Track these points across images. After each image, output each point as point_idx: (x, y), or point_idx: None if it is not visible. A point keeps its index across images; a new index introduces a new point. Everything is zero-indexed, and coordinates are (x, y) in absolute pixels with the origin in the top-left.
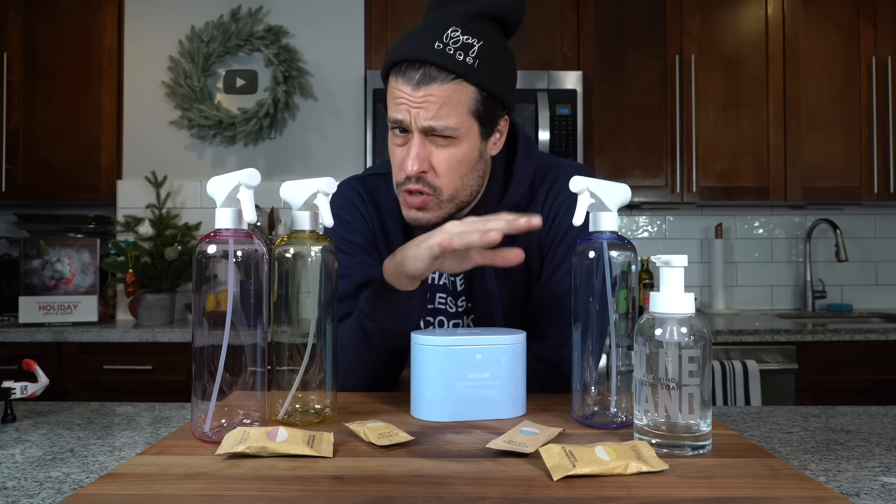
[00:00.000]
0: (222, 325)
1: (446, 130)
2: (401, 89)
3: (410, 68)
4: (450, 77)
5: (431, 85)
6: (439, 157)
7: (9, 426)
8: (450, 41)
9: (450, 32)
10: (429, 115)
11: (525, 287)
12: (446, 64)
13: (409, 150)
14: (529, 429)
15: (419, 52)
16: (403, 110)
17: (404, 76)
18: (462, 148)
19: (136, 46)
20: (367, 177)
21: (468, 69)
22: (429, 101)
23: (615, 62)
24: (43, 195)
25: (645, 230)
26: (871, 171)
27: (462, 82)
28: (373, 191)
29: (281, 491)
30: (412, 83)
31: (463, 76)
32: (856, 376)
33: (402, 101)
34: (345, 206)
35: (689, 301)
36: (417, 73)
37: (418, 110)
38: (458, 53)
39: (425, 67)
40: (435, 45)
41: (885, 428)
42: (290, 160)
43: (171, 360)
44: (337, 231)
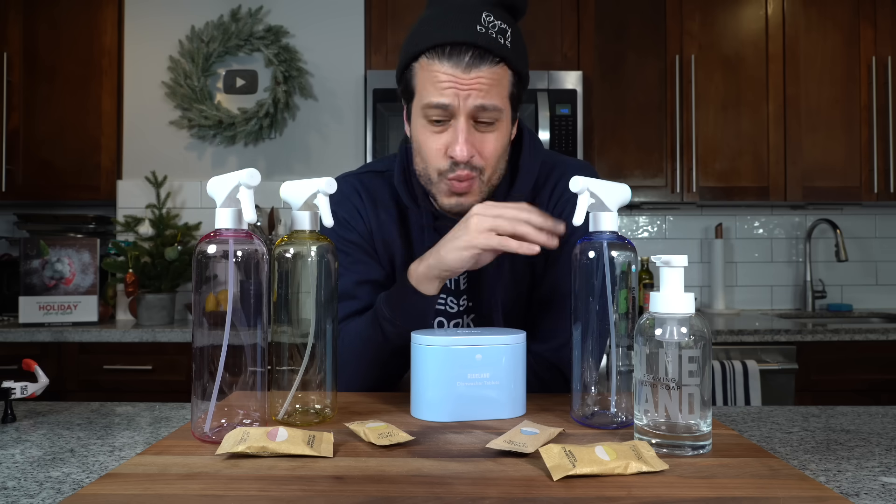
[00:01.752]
0: (222, 325)
1: (494, 111)
2: (447, 72)
3: (457, 51)
4: (496, 60)
5: (482, 67)
6: (485, 142)
7: (9, 426)
8: (488, 25)
9: (485, 17)
10: (479, 97)
11: (528, 286)
12: (493, 47)
13: (457, 136)
14: (529, 429)
15: (467, 35)
16: (450, 94)
17: (450, 59)
18: (502, 131)
19: (136, 46)
20: (364, 174)
21: (510, 53)
22: (480, 83)
23: (615, 62)
24: (43, 195)
25: (645, 230)
26: (871, 171)
27: (504, 66)
28: (370, 188)
29: (281, 491)
30: (461, 65)
31: (506, 60)
32: (856, 376)
33: (450, 83)
34: (342, 204)
35: (689, 301)
36: (467, 56)
37: (469, 93)
38: (499, 37)
39: (473, 50)
40: (477, 27)
41: (885, 428)
42: (290, 160)
43: (171, 360)
44: (334, 229)
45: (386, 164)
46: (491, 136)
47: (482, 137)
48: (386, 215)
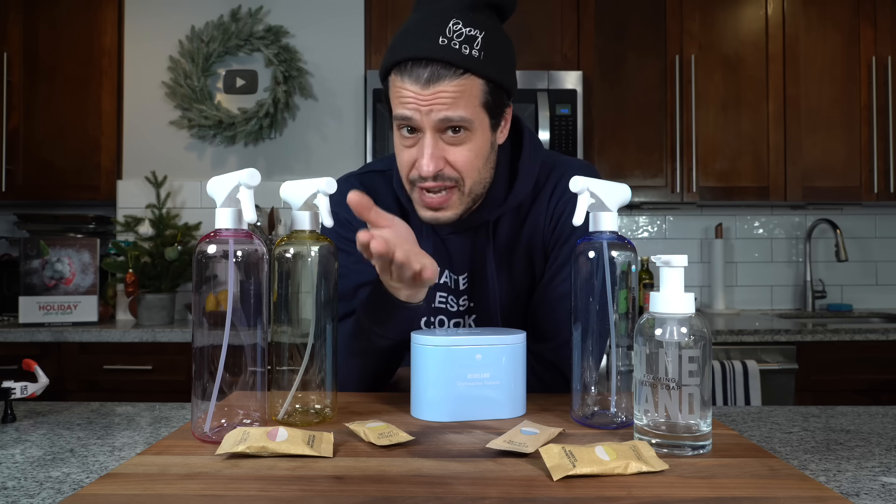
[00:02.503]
0: (222, 325)
1: (461, 121)
2: (408, 88)
3: (417, 66)
4: (458, 72)
5: (441, 82)
6: (455, 155)
7: (9, 426)
8: (453, 35)
9: (451, 26)
10: (441, 110)
11: (528, 286)
12: (454, 59)
13: (423, 150)
14: (529, 429)
15: (425, 50)
16: (412, 109)
17: (411, 75)
18: (476, 142)
19: (136, 46)
20: (365, 174)
21: (475, 62)
22: (439, 99)
23: (615, 62)
24: (43, 195)
25: (645, 230)
26: (871, 171)
27: (471, 76)
28: (371, 188)
29: (281, 491)
30: (420, 82)
31: (471, 70)
32: (856, 376)
33: (411, 100)
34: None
35: (689, 301)
36: (426, 72)
37: (430, 108)
38: (464, 47)
39: (433, 65)
40: (439, 40)
41: (885, 428)
42: (290, 160)
43: (171, 360)
44: (335, 229)
45: (387, 163)
46: (463, 148)
47: (453, 150)
48: None
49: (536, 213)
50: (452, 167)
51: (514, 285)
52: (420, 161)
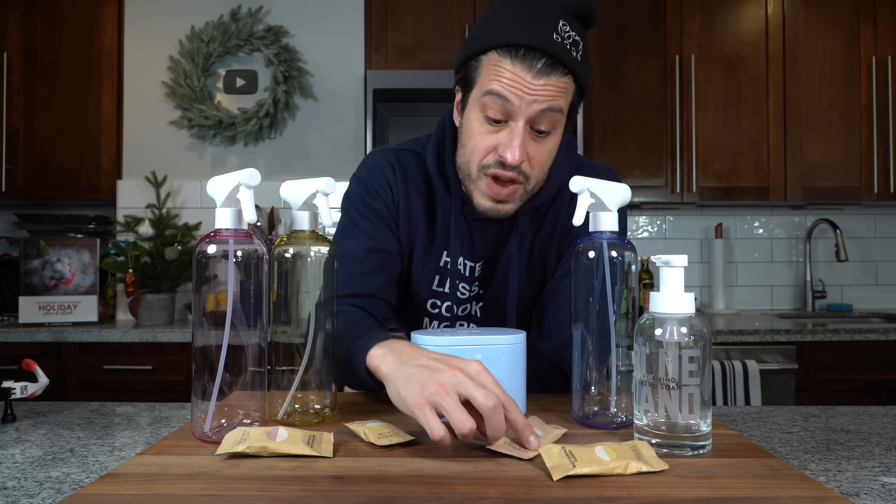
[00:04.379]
0: (222, 325)
1: (557, 113)
2: (516, 73)
3: (531, 54)
4: (565, 71)
5: (552, 76)
6: (536, 150)
7: (9, 426)
8: (564, 35)
9: (562, 26)
10: (545, 101)
11: (541, 279)
12: (565, 58)
13: (513, 139)
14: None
15: (543, 41)
16: (515, 93)
17: (523, 61)
18: (554, 140)
19: (136, 46)
20: (402, 151)
21: (578, 66)
22: (546, 91)
23: (615, 62)
24: (43, 195)
25: (645, 230)
26: (871, 171)
27: (570, 78)
28: (405, 164)
29: (281, 491)
30: (533, 71)
31: (573, 73)
32: (856, 376)
33: (517, 85)
34: (374, 174)
35: (689, 301)
36: (539, 62)
37: (534, 99)
38: (572, 49)
39: (547, 58)
40: (554, 36)
41: (885, 428)
42: (290, 160)
43: (171, 360)
44: (361, 195)
45: (421, 144)
46: (544, 146)
47: (535, 145)
48: (416, 194)
49: (555, 213)
50: (529, 163)
51: (531, 282)
52: (507, 149)
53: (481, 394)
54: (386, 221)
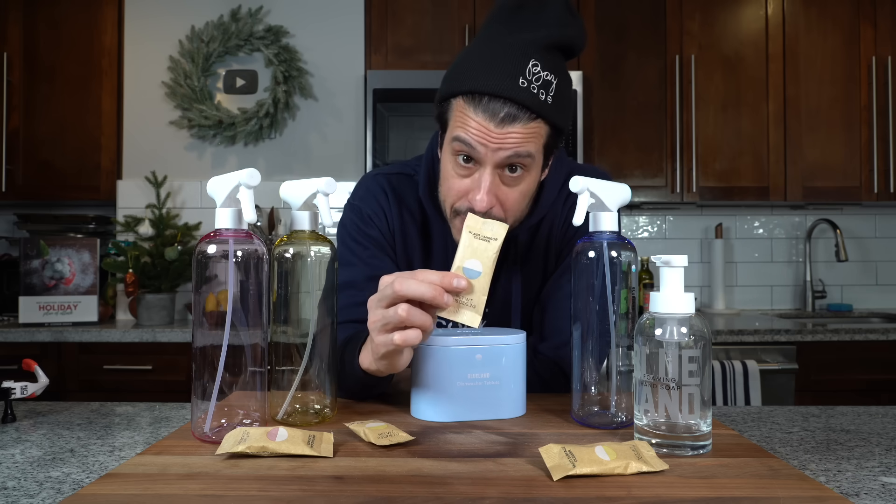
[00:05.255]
0: (222, 325)
1: (526, 158)
2: (480, 122)
3: (493, 102)
4: (532, 117)
5: (515, 124)
6: (508, 194)
7: (9, 426)
8: (532, 77)
9: (531, 67)
10: (509, 149)
11: (539, 288)
12: (531, 104)
13: (481, 185)
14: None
15: (505, 89)
16: (479, 143)
17: (486, 110)
18: (529, 182)
19: (136, 46)
20: (394, 174)
21: (548, 109)
22: (511, 138)
23: (615, 62)
24: (43, 195)
25: (645, 230)
26: (871, 171)
27: (540, 122)
28: (398, 189)
29: (281, 491)
30: (495, 119)
31: (543, 117)
32: (856, 376)
33: (480, 134)
34: (367, 200)
35: (689, 301)
36: (502, 111)
37: (498, 147)
38: (541, 93)
39: (510, 105)
40: (519, 81)
41: (885, 428)
42: (290, 160)
43: (171, 360)
44: (356, 222)
45: (413, 167)
46: (515, 189)
47: (506, 189)
48: (410, 218)
49: (551, 218)
50: (501, 206)
51: (528, 287)
52: (475, 195)
53: (392, 288)
54: (382, 247)
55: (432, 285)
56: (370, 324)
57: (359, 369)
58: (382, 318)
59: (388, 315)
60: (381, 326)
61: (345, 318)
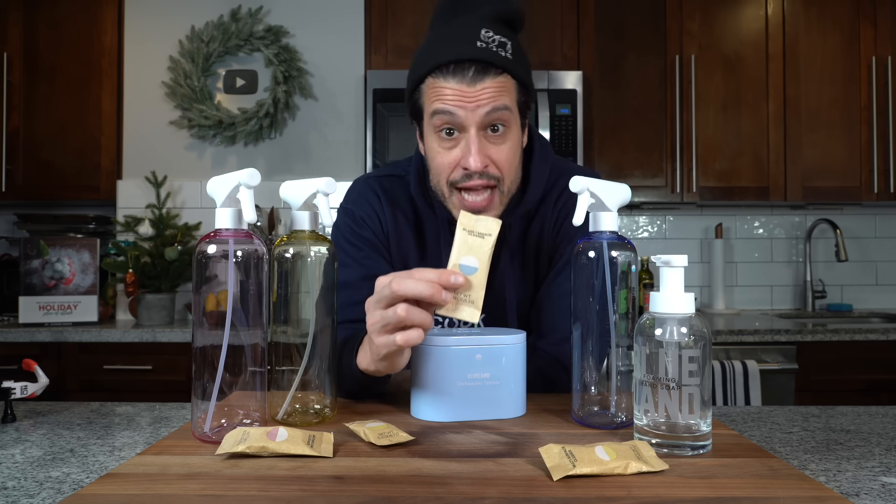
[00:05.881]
0: (222, 325)
1: (505, 111)
2: (452, 87)
3: (461, 67)
4: (499, 71)
5: (486, 79)
6: (498, 151)
7: (9, 426)
8: (488, 40)
9: (484, 33)
10: (488, 103)
11: (533, 286)
12: (495, 60)
13: (470, 147)
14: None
15: (467, 52)
16: (458, 105)
17: (455, 75)
18: (513, 138)
19: (136, 46)
20: (385, 176)
21: (511, 63)
22: (486, 93)
23: (615, 62)
24: (43, 195)
25: (645, 230)
26: (871, 171)
27: (507, 76)
28: (390, 191)
29: (281, 491)
30: (466, 79)
31: (508, 70)
32: (856, 376)
33: (456, 98)
34: (360, 203)
35: (689, 301)
36: (470, 70)
37: (476, 104)
38: (500, 50)
39: (476, 64)
40: (478, 44)
41: (885, 428)
42: (290, 160)
43: (171, 360)
44: (349, 225)
45: (403, 168)
46: (503, 146)
47: (495, 148)
48: (403, 219)
49: (542, 217)
50: (495, 165)
51: (523, 287)
52: (467, 158)
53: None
54: (377, 248)
55: (430, 283)
56: (369, 325)
57: (357, 370)
58: (382, 318)
59: (387, 316)
60: (381, 327)
61: (341, 319)
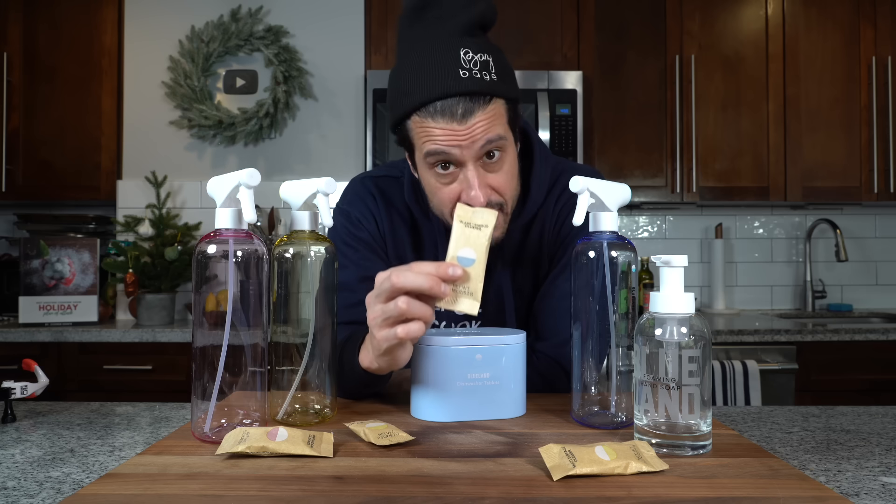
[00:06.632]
0: (222, 325)
1: (500, 141)
2: (444, 127)
3: (448, 105)
4: (487, 100)
5: (475, 114)
6: (497, 178)
7: (9, 426)
8: (470, 64)
9: (464, 56)
10: (483, 136)
11: (532, 288)
12: (482, 88)
13: (471, 183)
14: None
15: (452, 87)
16: (451, 145)
17: (444, 114)
18: (509, 161)
19: (136, 46)
20: (381, 177)
21: (497, 86)
22: (478, 128)
23: (615, 62)
24: (43, 195)
25: (645, 230)
26: (871, 171)
27: (496, 100)
28: (386, 192)
29: (281, 491)
30: (456, 118)
31: (496, 94)
32: (856, 376)
33: (448, 137)
34: (356, 204)
35: (689, 301)
36: (459, 108)
37: (471, 141)
38: (484, 74)
39: (464, 100)
40: (461, 73)
41: (885, 428)
42: (290, 160)
43: (171, 360)
44: (345, 226)
45: (399, 169)
46: (501, 171)
47: (494, 175)
48: (399, 220)
49: (543, 218)
50: (497, 192)
51: (522, 290)
52: (468, 193)
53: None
54: (373, 249)
55: (429, 276)
56: (370, 320)
57: (359, 368)
58: (382, 312)
59: (388, 309)
60: (382, 321)
61: (340, 320)
